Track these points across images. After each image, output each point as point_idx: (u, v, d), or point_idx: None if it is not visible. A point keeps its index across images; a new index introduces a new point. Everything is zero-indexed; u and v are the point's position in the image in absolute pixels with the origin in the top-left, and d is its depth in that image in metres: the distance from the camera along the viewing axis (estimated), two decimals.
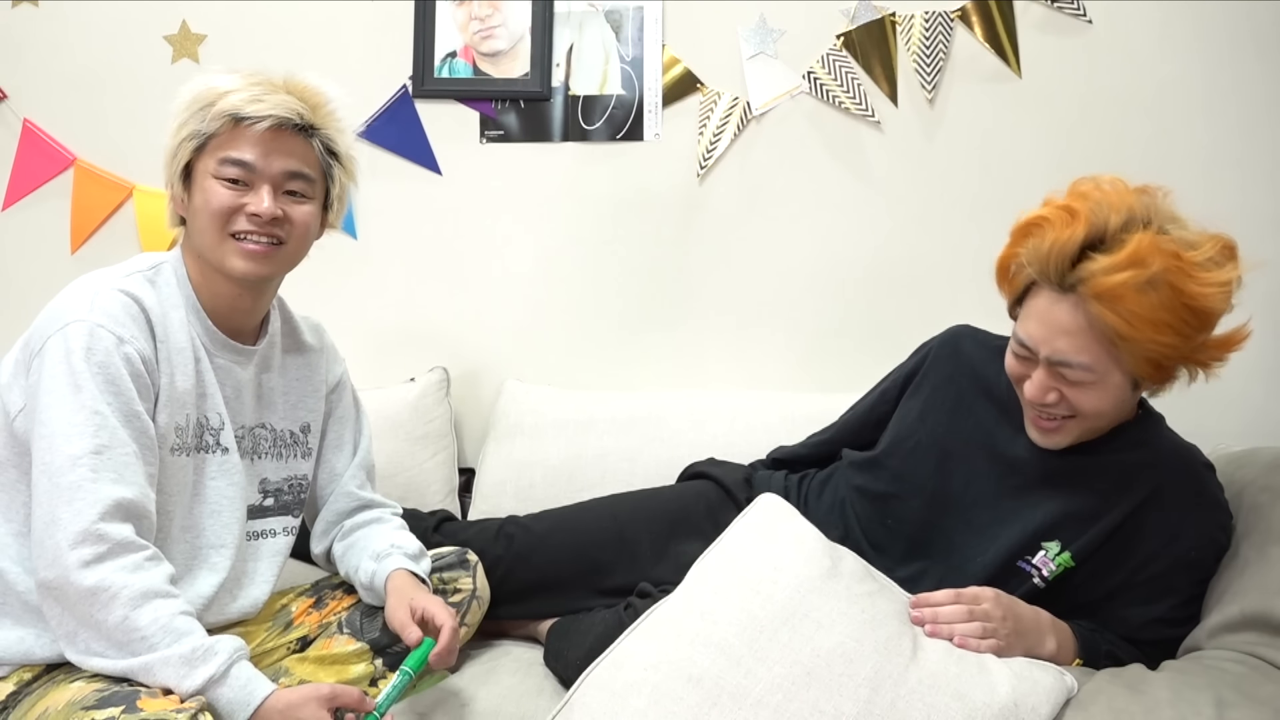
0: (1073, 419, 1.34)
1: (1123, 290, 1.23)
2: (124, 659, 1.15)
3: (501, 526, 1.71)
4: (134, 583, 1.16)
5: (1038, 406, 1.35)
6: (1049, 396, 1.33)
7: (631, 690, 1.15)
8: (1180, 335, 1.25)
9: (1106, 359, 1.28)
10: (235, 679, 1.16)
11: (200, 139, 1.30)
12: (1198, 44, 1.93)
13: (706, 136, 2.05)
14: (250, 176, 1.31)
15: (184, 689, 1.13)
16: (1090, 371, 1.29)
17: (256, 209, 1.30)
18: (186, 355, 1.31)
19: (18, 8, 2.13)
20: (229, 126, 1.30)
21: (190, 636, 1.16)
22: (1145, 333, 1.24)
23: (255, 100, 1.29)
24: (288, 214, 1.33)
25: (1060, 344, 1.29)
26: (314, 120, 1.34)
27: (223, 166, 1.30)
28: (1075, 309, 1.28)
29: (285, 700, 1.16)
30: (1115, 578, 1.36)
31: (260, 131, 1.30)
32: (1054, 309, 1.30)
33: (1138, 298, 1.23)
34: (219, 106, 1.29)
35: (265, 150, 1.31)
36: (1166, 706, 1.13)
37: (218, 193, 1.30)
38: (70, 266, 2.15)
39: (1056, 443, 1.37)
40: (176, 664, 1.14)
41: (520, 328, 2.15)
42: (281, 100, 1.31)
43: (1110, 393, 1.31)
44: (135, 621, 1.15)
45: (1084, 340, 1.28)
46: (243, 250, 1.32)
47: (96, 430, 1.19)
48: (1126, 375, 1.30)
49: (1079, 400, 1.32)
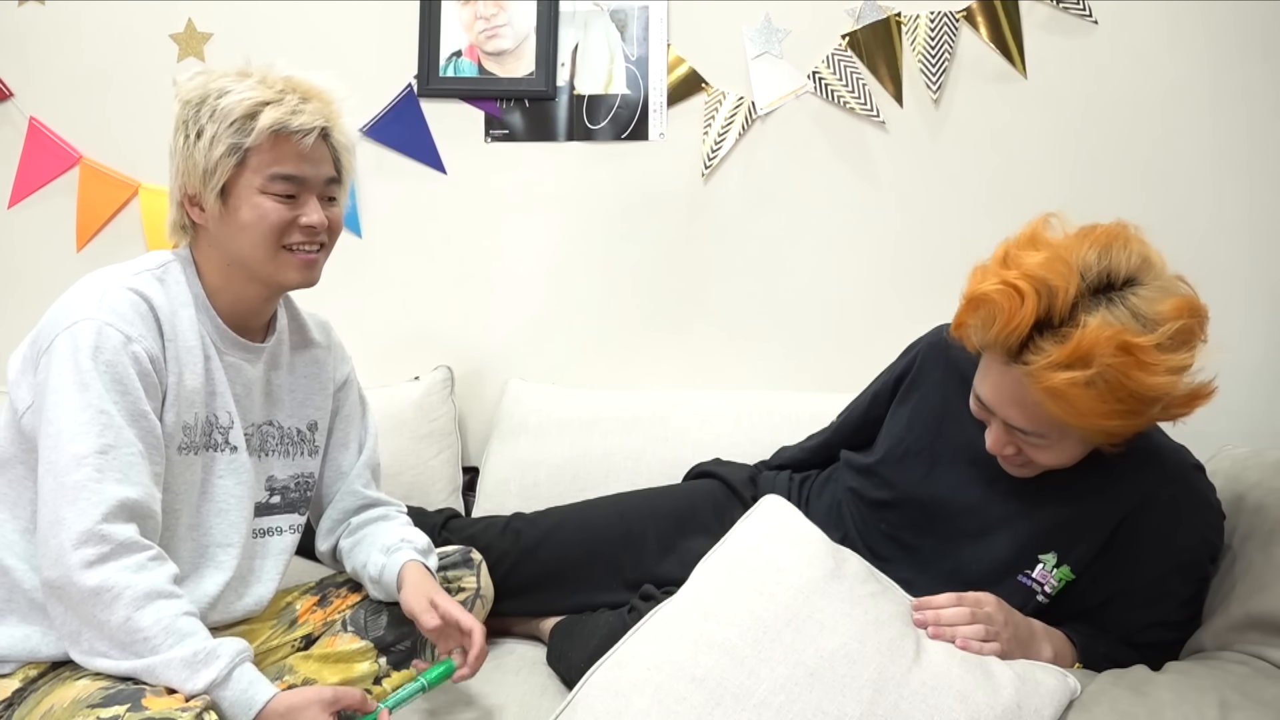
0: (1035, 464, 1.35)
1: (1066, 388, 1.19)
2: (127, 660, 1.15)
3: (509, 522, 1.72)
4: (137, 583, 1.16)
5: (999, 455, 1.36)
6: (1006, 450, 1.34)
7: (635, 690, 1.15)
8: (1131, 416, 1.22)
9: (1057, 430, 1.27)
10: (238, 682, 1.16)
11: (240, 154, 1.29)
12: (1204, 44, 1.93)
13: (711, 136, 2.05)
14: (299, 189, 1.32)
15: (187, 691, 1.14)
16: (1043, 438, 1.29)
17: (310, 220, 1.32)
18: (196, 353, 1.31)
19: (24, 6, 2.14)
20: (270, 140, 1.29)
21: (193, 638, 1.16)
22: (1092, 421, 1.22)
23: (295, 112, 1.29)
24: (330, 218, 1.35)
25: (1011, 412, 1.29)
26: (334, 119, 1.35)
27: (272, 182, 1.30)
28: (1024, 385, 1.24)
29: (287, 703, 1.16)
30: (1113, 584, 1.36)
31: (304, 144, 1.30)
32: (1004, 379, 1.27)
33: (1083, 393, 1.19)
34: (263, 121, 1.27)
35: (311, 162, 1.32)
36: (1170, 708, 1.13)
37: (272, 209, 1.30)
38: (76, 264, 2.15)
39: (1025, 474, 1.38)
40: (179, 666, 1.14)
41: (524, 327, 2.15)
42: (314, 109, 1.31)
43: (1068, 450, 1.31)
44: (138, 622, 1.15)
45: (1035, 413, 1.26)
46: (298, 261, 1.33)
47: (102, 429, 1.19)
48: (1078, 441, 1.30)
49: (1036, 456, 1.32)
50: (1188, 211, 1.95)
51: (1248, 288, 1.95)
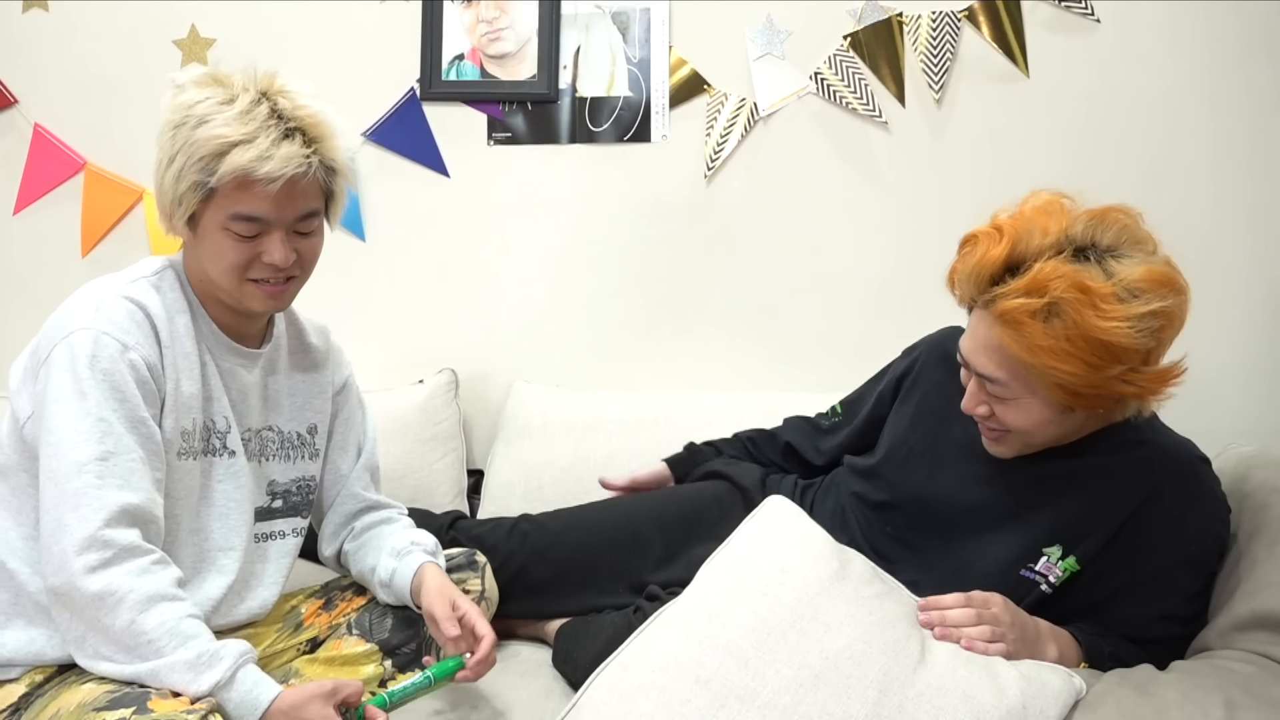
0: (1009, 433, 1.36)
1: (1019, 315, 1.24)
2: (132, 664, 1.16)
3: (516, 523, 1.72)
4: (140, 587, 1.16)
5: (973, 417, 1.38)
6: (979, 409, 1.36)
7: (639, 692, 1.15)
8: (1086, 365, 1.23)
9: (1019, 381, 1.29)
10: (242, 683, 1.16)
11: (205, 191, 1.25)
12: (1207, 44, 1.92)
13: (714, 137, 2.05)
14: (263, 227, 1.28)
15: (191, 694, 1.14)
16: (1007, 388, 1.31)
17: (272, 259, 1.28)
18: (192, 359, 1.32)
19: (28, 13, 2.15)
20: (234, 183, 1.24)
21: (196, 640, 1.17)
22: (1045, 360, 1.24)
23: (265, 158, 1.22)
24: (299, 252, 1.32)
25: (980, 359, 1.32)
26: (316, 153, 1.29)
27: (234, 221, 1.26)
28: (990, 328, 1.30)
29: (290, 700, 1.17)
30: (1119, 578, 1.36)
31: (269, 190, 1.25)
32: (979, 325, 1.33)
33: (1035, 325, 1.24)
34: (227, 164, 1.22)
35: (276, 204, 1.27)
36: (1175, 708, 1.13)
37: (231, 248, 1.27)
38: (81, 270, 2.16)
39: (1001, 452, 1.39)
40: (183, 669, 1.15)
41: (528, 329, 2.15)
42: (287, 153, 1.24)
43: (1034, 413, 1.32)
44: (142, 625, 1.15)
45: (998, 358, 1.30)
46: (262, 293, 1.32)
47: (102, 437, 1.20)
48: (1043, 400, 1.30)
49: (1005, 416, 1.33)
50: (1190, 210, 1.94)
51: (1250, 286, 1.95)
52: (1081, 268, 1.24)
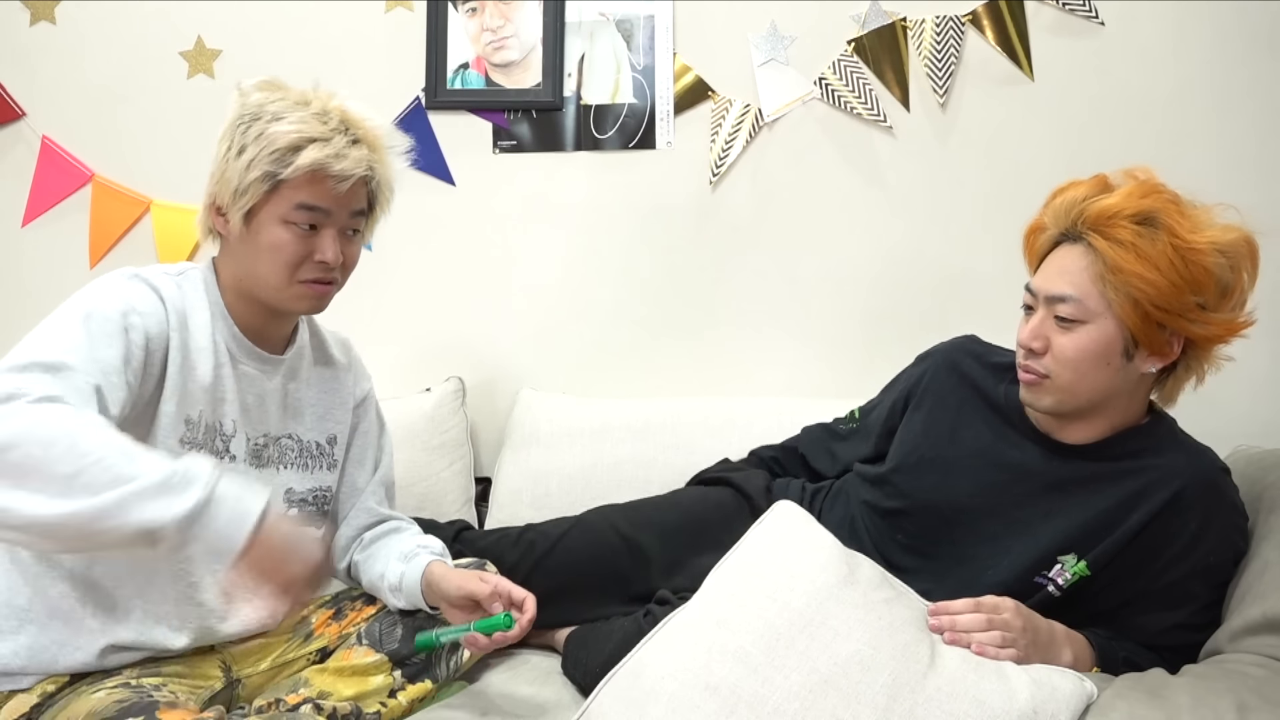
0: (1049, 380, 1.36)
1: (1117, 219, 1.31)
2: (82, 499, 0.98)
3: (522, 533, 1.71)
4: (66, 409, 1.04)
5: (1024, 350, 1.39)
6: (1036, 343, 1.37)
7: (649, 699, 1.15)
8: (1168, 280, 1.29)
9: (1097, 296, 1.32)
10: (225, 495, 1.04)
11: (273, 183, 1.30)
12: (1211, 45, 1.92)
13: (719, 144, 2.06)
14: (321, 220, 1.33)
15: (168, 522, 1.00)
16: (1079, 307, 1.33)
17: (324, 257, 1.33)
18: (207, 355, 1.32)
19: (36, 26, 2.16)
20: (307, 177, 1.30)
21: (154, 457, 1.03)
22: (1133, 265, 1.29)
23: (340, 156, 1.30)
24: (345, 253, 1.36)
25: (1056, 281, 1.36)
26: (378, 164, 1.37)
27: (297, 212, 1.31)
28: (1077, 250, 1.35)
29: (277, 509, 1.11)
30: (1133, 585, 1.35)
31: (339, 188, 1.31)
32: (1061, 256, 1.38)
33: (1129, 228, 1.31)
34: (304, 158, 1.28)
35: (341, 200, 1.33)
36: (1187, 712, 1.12)
37: (288, 241, 1.31)
38: (89, 281, 2.16)
39: (1036, 399, 1.40)
40: (154, 493, 1.00)
41: (535, 336, 2.15)
42: (358, 156, 1.32)
43: (1093, 344, 1.33)
44: (83, 445, 0.99)
45: (1079, 277, 1.34)
46: (309, 293, 1.35)
47: (65, 352, 1.13)
48: (1116, 322, 1.32)
49: (1062, 348, 1.34)
50: None
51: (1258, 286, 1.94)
52: (1174, 193, 1.36)
